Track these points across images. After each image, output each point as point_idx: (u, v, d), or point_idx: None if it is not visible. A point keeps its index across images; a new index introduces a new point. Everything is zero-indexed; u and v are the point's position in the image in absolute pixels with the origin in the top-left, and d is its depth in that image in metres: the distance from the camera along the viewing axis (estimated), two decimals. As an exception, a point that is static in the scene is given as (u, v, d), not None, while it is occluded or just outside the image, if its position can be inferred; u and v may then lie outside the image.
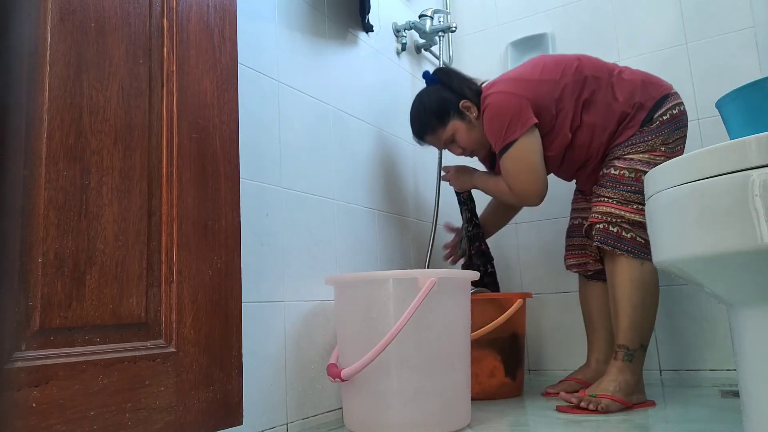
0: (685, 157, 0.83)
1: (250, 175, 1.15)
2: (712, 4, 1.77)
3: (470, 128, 1.52)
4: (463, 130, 1.52)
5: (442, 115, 1.52)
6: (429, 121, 1.54)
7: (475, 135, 1.53)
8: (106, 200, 0.72)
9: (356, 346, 1.12)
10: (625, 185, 1.35)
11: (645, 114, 1.40)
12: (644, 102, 1.40)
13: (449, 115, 1.52)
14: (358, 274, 1.15)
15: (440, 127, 1.53)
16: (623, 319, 1.31)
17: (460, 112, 1.52)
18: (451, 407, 1.12)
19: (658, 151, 1.36)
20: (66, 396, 0.65)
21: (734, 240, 0.75)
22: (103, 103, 0.74)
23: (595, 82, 1.43)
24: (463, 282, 1.19)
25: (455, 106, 1.52)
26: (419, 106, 1.57)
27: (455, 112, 1.52)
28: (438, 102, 1.53)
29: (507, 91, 1.44)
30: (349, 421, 1.16)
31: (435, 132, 1.55)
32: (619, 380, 1.27)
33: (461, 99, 1.51)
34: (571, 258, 1.61)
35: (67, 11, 0.71)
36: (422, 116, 1.55)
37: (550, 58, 1.51)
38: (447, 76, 1.57)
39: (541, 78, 1.44)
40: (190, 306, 0.81)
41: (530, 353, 1.94)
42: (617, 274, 1.33)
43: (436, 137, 1.56)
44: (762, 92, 1.03)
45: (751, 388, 0.84)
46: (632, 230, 1.32)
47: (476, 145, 1.55)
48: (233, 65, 0.94)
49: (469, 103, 1.51)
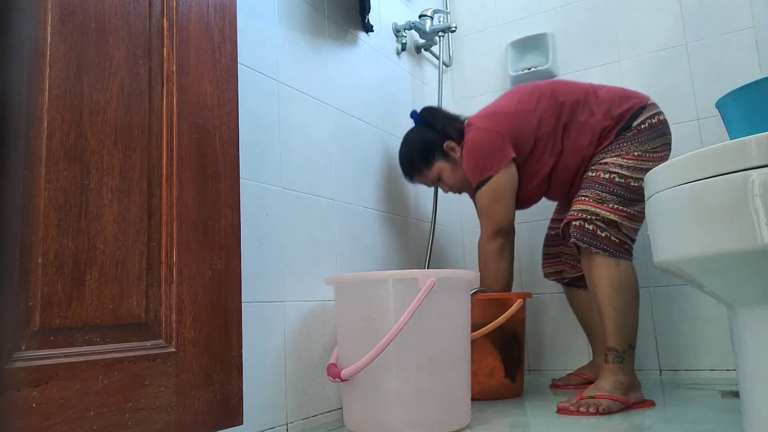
0: (685, 157, 0.83)
1: (250, 175, 1.15)
2: (712, 4, 1.77)
3: (455, 168, 1.57)
4: (449, 171, 1.57)
5: (427, 157, 1.57)
6: (415, 164, 1.60)
7: (460, 174, 1.57)
8: (106, 200, 0.72)
9: (356, 346, 1.12)
10: (600, 185, 1.37)
11: (623, 124, 1.42)
12: (623, 114, 1.42)
13: (434, 156, 1.57)
14: (358, 274, 1.15)
15: (426, 168, 1.59)
16: (608, 322, 1.32)
17: (445, 153, 1.57)
18: (451, 407, 1.12)
19: (631, 155, 1.38)
20: (66, 396, 0.65)
21: (734, 240, 0.75)
22: (103, 103, 0.74)
23: (572, 105, 1.45)
24: (463, 282, 1.19)
25: (440, 147, 1.56)
26: (406, 149, 1.62)
27: (440, 154, 1.57)
28: (422, 145, 1.58)
29: (484, 127, 1.48)
30: (349, 421, 1.16)
31: (422, 173, 1.60)
32: (614, 381, 1.28)
33: (445, 140, 1.56)
34: (547, 266, 1.65)
35: (67, 11, 0.71)
36: (409, 159, 1.61)
37: (525, 88, 1.53)
38: (432, 117, 1.61)
39: (518, 109, 1.47)
40: (190, 306, 0.81)
41: (530, 353, 1.94)
42: (594, 274, 1.34)
43: (424, 177, 1.62)
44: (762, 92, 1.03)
45: (751, 388, 0.84)
46: (607, 229, 1.33)
47: (462, 184, 1.59)
48: (233, 65, 0.94)
49: (453, 144, 1.55)
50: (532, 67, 2.01)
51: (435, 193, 1.79)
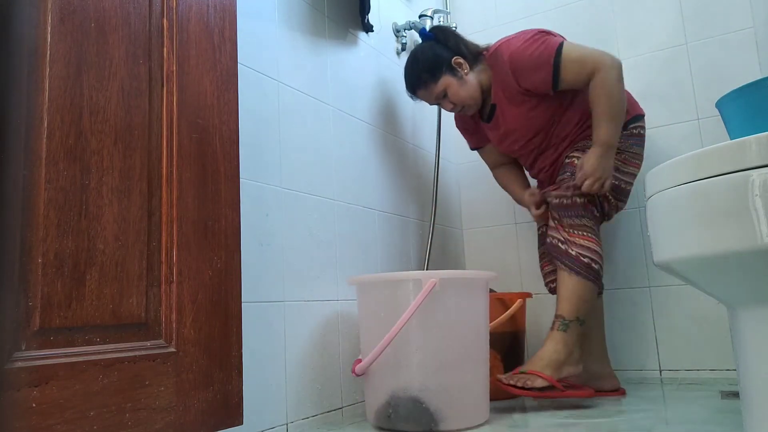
0: (685, 157, 0.83)
1: (250, 175, 1.15)
2: (712, 4, 1.76)
3: (461, 84, 1.54)
4: (455, 86, 1.54)
5: (433, 70, 1.54)
6: (421, 76, 1.55)
7: (466, 91, 1.54)
8: (106, 200, 0.72)
9: (376, 344, 1.15)
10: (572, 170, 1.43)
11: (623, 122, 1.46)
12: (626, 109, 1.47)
13: (441, 71, 1.54)
14: (378, 274, 1.23)
15: (432, 82, 1.55)
16: (565, 288, 1.37)
17: (452, 68, 1.54)
18: (459, 406, 1.13)
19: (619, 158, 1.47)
20: (66, 396, 0.65)
21: (734, 240, 0.75)
22: (103, 103, 0.74)
23: None
24: (475, 282, 1.20)
25: (447, 62, 1.54)
26: (413, 62, 1.58)
27: (447, 68, 1.54)
28: (431, 58, 1.55)
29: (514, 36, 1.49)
30: (369, 414, 1.22)
31: (427, 87, 1.56)
32: (552, 350, 1.33)
33: (454, 55, 1.54)
34: (546, 266, 1.65)
35: (67, 11, 0.71)
36: (415, 71, 1.56)
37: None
38: (443, 34, 1.59)
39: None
40: (190, 306, 0.81)
41: (530, 353, 1.94)
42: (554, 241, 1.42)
43: (428, 92, 1.57)
44: (762, 92, 1.03)
45: (751, 388, 0.84)
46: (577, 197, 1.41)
47: (467, 101, 1.56)
48: (233, 65, 0.94)
49: (461, 60, 1.53)
50: (532, 67, 2.01)
51: (435, 193, 1.79)
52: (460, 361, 1.15)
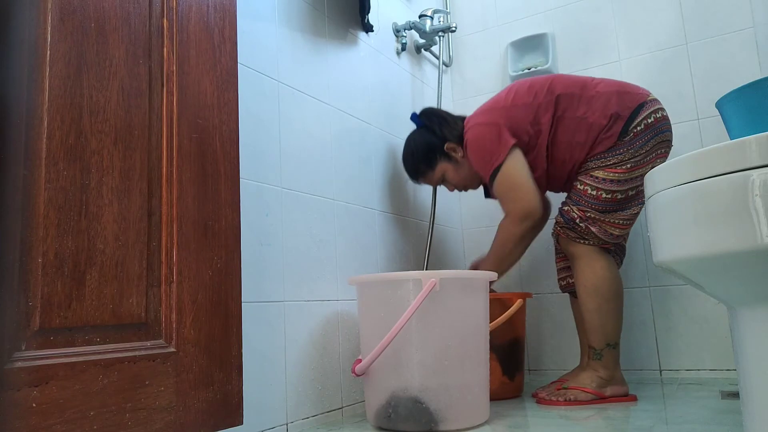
0: (685, 157, 0.83)
1: (250, 175, 1.15)
2: (712, 4, 1.77)
3: (458, 167, 1.60)
4: (452, 171, 1.61)
5: (429, 159, 1.61)
6: (418, 168, 1.63)
7: (463, 173, 1.61)
8: (106, 200, 0.72)
9: (375, 344, 1.14)
10: (587, 201, 1.42)
11: (622, 124, 1.41)
12: (621, 112, 1.41)
13: (436, 158, 1.60)
14: (379, 274, 1.21)
15: (429, 170, 1.62)
16: (587, 322, 1.42)
17: (446, 154, 1.59)
18: (459, 406, 1.13)
19: (623, 167, 1.40)
20: (66, 396, 0.65)
21: (734, 240, 0.75)
22: (103, 103, 0.74)
23: (567, 99, 1.46)
24: (475, 282, 1.20)
25: (440, 149, 1.59)
26: (408, 153, 1.65)
27: (441, 155, 1.60)
28: (424, 148, 1.61)
29: (481, 123, 1.51)
30: (368, 414, 1.22)
31: (425, 175, 1.64)
32: (592, 375, 1.39)
33: (445, 142, 1.58)
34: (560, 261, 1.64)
35: (67, 11, 0.71)
36: (412, 163, 1.64)
37: (523, 83, 1.54)
38: (429, 120, 1.63)
39: (514, 103, 1.49)
40: (190, 306, 0.81)
41: (530, 353, 1.94)
42: (576, 274, 1.45)
43: (428, 179, 1.66)
44: (762, 92, 1.03)
45: (751, 388, 0.84)
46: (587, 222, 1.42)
47: (467, 181, 1.63)
48: (233, 65, 0.94)
49: (453, 145, 1.58)
50: (532, 67, 2.01)
51: (434, 193, 1.79)
52: (460, 361, 1.15)
